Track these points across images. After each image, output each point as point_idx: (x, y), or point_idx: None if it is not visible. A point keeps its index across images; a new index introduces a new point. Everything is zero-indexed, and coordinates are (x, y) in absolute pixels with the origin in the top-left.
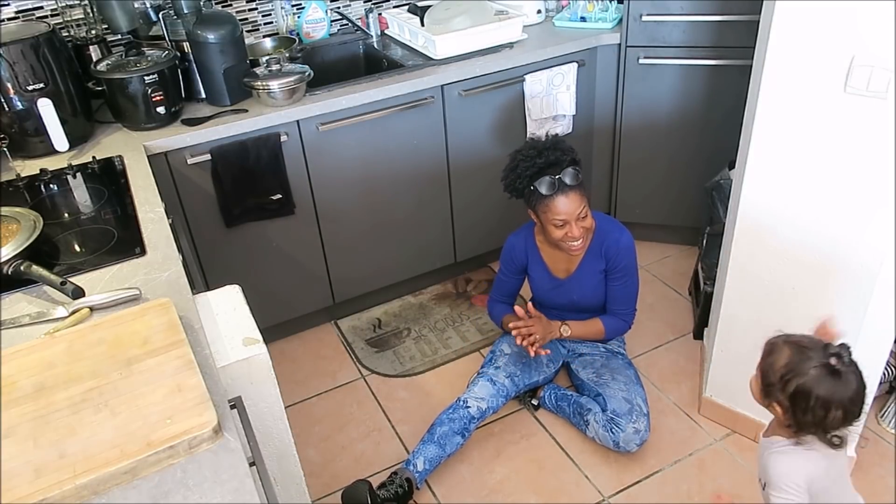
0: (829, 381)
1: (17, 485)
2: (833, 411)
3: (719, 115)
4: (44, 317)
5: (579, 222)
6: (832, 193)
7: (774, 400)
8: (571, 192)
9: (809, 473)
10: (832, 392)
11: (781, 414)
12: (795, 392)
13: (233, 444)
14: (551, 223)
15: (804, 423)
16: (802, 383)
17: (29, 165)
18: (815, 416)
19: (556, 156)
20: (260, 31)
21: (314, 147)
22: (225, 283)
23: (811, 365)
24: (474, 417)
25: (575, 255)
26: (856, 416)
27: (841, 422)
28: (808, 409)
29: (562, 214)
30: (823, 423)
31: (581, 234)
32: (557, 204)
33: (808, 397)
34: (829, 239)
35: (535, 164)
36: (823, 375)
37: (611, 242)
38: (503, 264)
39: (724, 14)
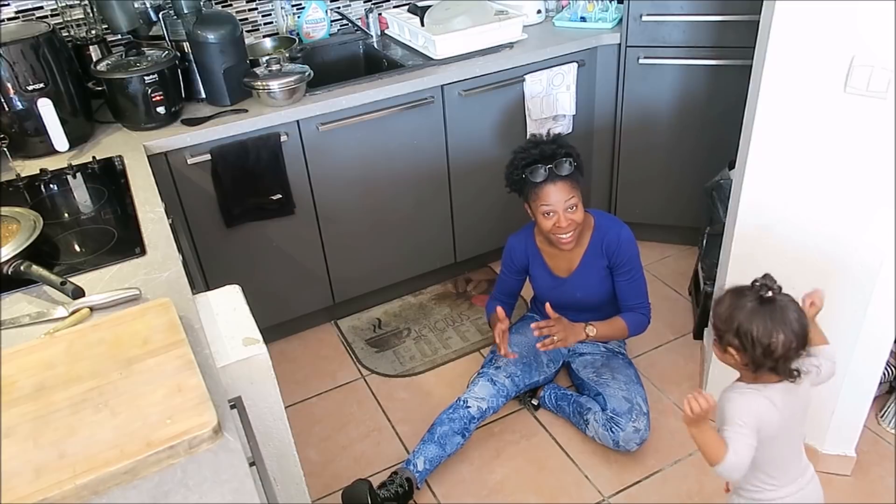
0: (765, 310)
1: (17, 485)
2: (776, 336)
3: (719, 115)
4: (44, 317)
5: (567, 213)
6: (832, 193)
7: (728, 345)
8: (561, 181)
9: (760, 410)
10: (769, 318)
11: (737, 356)
12: (739, 329)
13: (233, 444)
14: (540, 212)
15: (757, 358)
16: (741, 318)
17: (29, 165)
18: (762, 347)
19: (553, 149)
20: (260, 31)
21: (314, 147)
22: (225, 283)
23: (746, 301)
24: (474, 417)
25: (566, 250)
26: (801, 339)
27: (787, 348)
28: (755, 342)
29: (550, 203)
30: (771, 351)
31: (568, 226)
32: (547, 192)
33: (751, 329)
34: (829, 239)
35: (531, 155)
36: (757, 306)
37: (611, 238)
38: (504, 265)
39: (724, 14)
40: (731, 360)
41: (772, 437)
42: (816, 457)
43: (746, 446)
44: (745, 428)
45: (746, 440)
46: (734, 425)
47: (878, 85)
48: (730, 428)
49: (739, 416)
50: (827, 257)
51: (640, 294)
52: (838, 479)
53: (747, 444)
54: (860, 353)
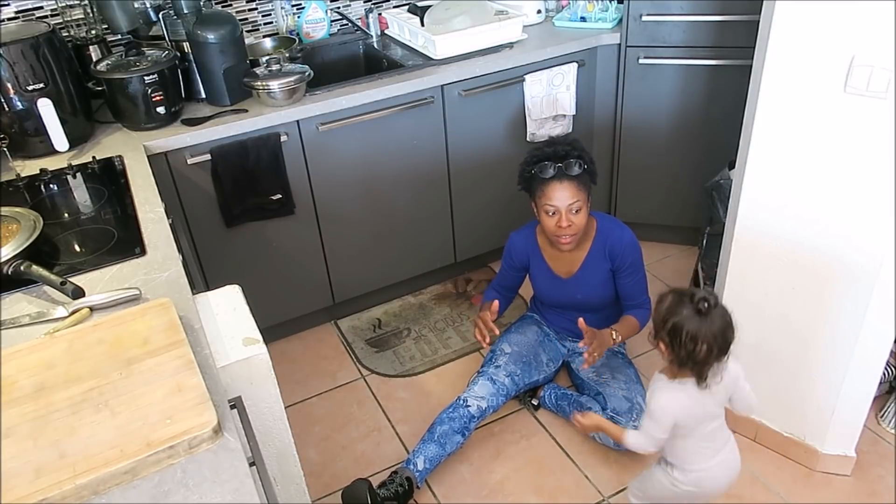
0: (697, 320)
1: (17, 485)
2: (700, 344)
3: (719, 115)
4: (44, 317)
5: (570, 215)
6: (832, 193)
7: (660, 339)
8: (568, 181)
9: (679, 408)
10: (699, 328)
11: (665, 351)
12: (671, 329)
13: (233, 444)
14: (543, 210)
15: (680, 357)
16: (676, 321)
17: (29, 165)
18: (686, 350)
19: (565, 150)
20: (260, 31)
21: (314, 147)
22: (225, 283)
23: (684, 308)
24: (474, 416)
25: (565, 251)
26: (721, 352)
27: (707, 355)
28: (681, 344)
29: (553, 201)
30: (693, 354)
31: (569, 227)
32: (552, 190)
33: (680, 333)
34: (828, 239)
35: (544, 153)
36: (692, 315)
37: (614, 241)
38: (504, 260)
39: (724, 14)
40: (660, 351)
41: (699, 420)
42: (816, 457)
43: (650, 437)
44: (658, 423)
45: (655, 431)
46: (650, 418)
47: (878, 85)
48: (646, 419)
49: (657, 412)
50: (827, 257)
51: (643, 292)
52: (838, 479)
53: (652, 435)
54: (860, 353)
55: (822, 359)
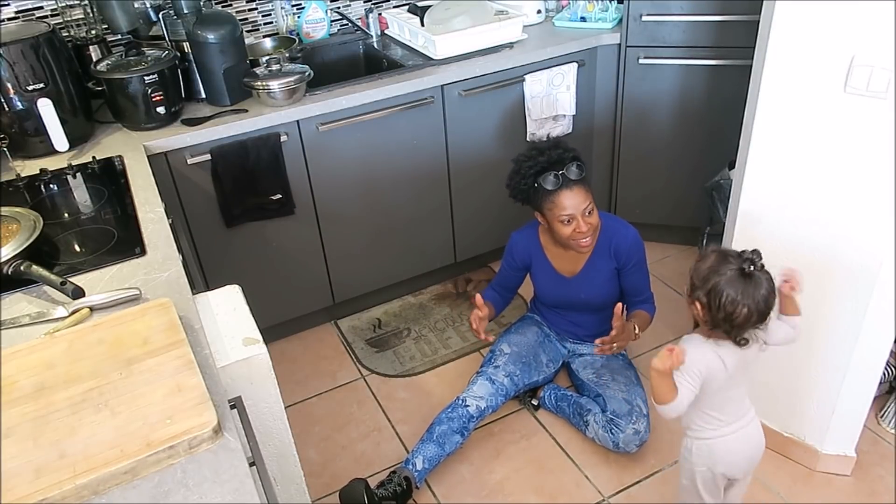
0: (740, 282)
1: (17, 485)
2: (740, 308)
3: (719, 115)
4: (44, 317)
5: (586, 218)
6: (832, 193)
7: (696, 299)
8: (576, 186)
9: (709, 364)
10: (741, 291)
11: (700, 311)
12: (712, 289)
13: (233, 444)
14: (558, 220)
15: (717, 319)
16: (718, 282)
17: (29, 165)
18: (725, 312)
19: (559, 153)
20: (260, 31)
21: (314, 147)
22: (225, 283)
23: (728, 268)
24: (473, 416)
25: (584, 253)
26: (762, 317)
27: (746, 319)
28: (720, 306)
29: (568, 209)
30: (731, 318)
31: (588, 231)
32: (563, 199)
33: (721, 294)
34: (828, 239)
35: (538, 163)
36: (736, 277)
37: (619, 241)
38: (505, 260)
39: (724, 14)
40: (694, 311)
41: (717, 387)
42: (816, 457)
43: (689, 393)
44: (693, 378)
45: (691, 388)
46: (686, 373)
47: (878, 85)
48: (681, 375)
49: (692, 365)
50: (827, 257)
51: (648, 286)
52: (838, 479)
53: (690, 391)
54: (860, 353)
55: (822, 359)
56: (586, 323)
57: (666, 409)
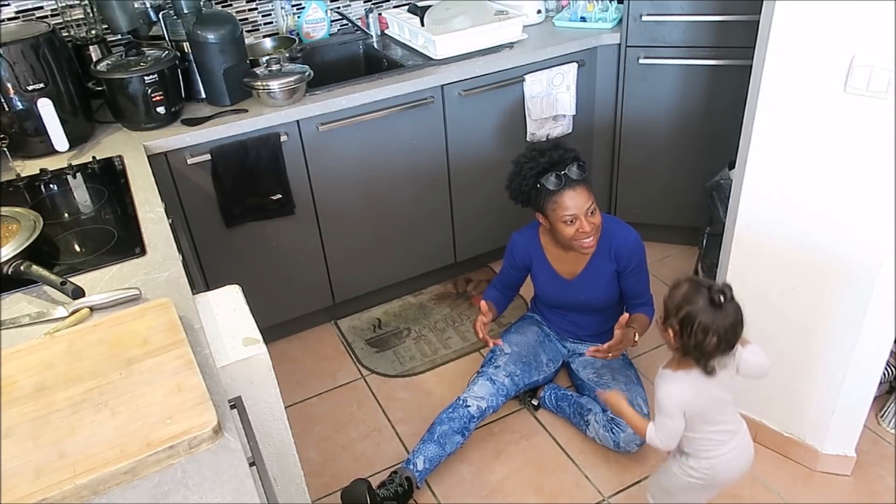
0: (711, 311)
1: (17, 485)
2: (710, 336)
3: (719, 115)
4: (44, 317)
5: (589, 218)
6: (832, 193)
7: (669, 326)
8: (578, 186)
9: (682, 400)
10: (711, 320)
11: (672, 338)
12: (684, 317)
13: (233, 444)
14: (561, 220)
15: (688, 347)
16: (690, 310)
17: (29, 165)
18: (696, 340)
19: (560, 154)
20: (260, 31)
21: (314, 147)
22: (225, 283)
23: (699, 298)
24: (474, 416)
25: (586, 254)
26: (728, 345)
27: (715, 347)
28: (691, 333)
29: (571, 209)
30: (702, 346)
31: (592, 230)
32: (565, 199)
33: (693, 322)
34: (828, 239)
35: (539, 164)
36: (707, 306)
37: (620, 243)
38: (506, 259)
39: (724, 14)
40: (666, 338)
41: (699, 411)
42: (816, 457)
43: (668, 429)
44: (672, 414)
45: (669, 423)
46: (660, 413)
47: (878, 85)
48: (657, 410)
49: (667, 401)
50: (827, 257)
51: (648, 289)
52: (838, 479)
53: (670, 426)
54: (860, 353)
55: (822, 359)
56: (586, 323)
57: (651, 444)
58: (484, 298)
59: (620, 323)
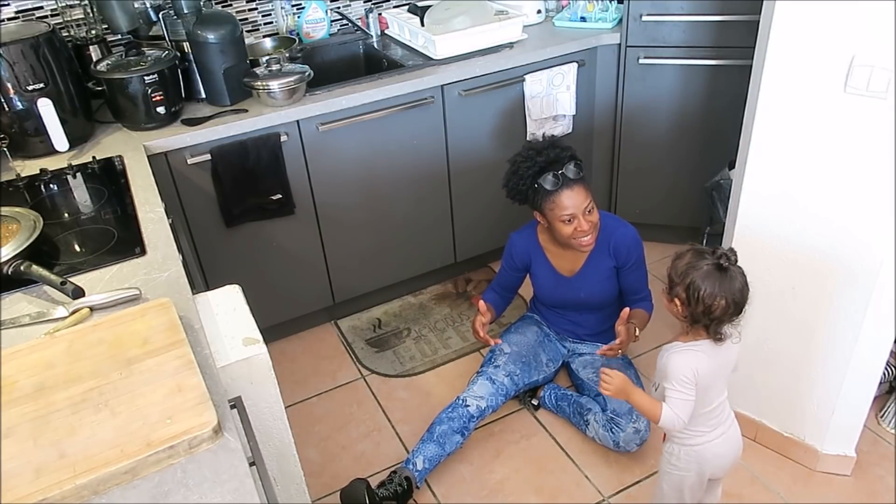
0: (717, 276)
1: (17, 485)
2: (718, 300)
3: (719, 115)
4: (44, 317)
5: (587, 216)
6: (832, 193)
7: (675, 296)
8: (576, 185)
9: (696, 368)
10: (718, 284)
11: (680, 308)
12: (689, 284)
13: (233, 444)
14: (559, 220)
15: (696, 314)
16: (695, 276)
17: (29, 165)
18: (704, 306)
19: (556, 153)
20: (260, 31)
21: (314, 147)
22: (225, 283)
23: (704, 263)
24: (474, 416)
25: (584, 252)
26: (738, 309)
27: (724, 311)
28: (699, 300)
29: (569, 209)
30: (710, 311)
31: (590, 229)
32: (563, 198)
33: (700, 288)
34: (828, 239)
35: (536, 163)
36: (712, 271)
37: (618, 239)
38: (504, 260)
39: (724, 14)
40: (673, 310)
41: (705, 387)
42: (816, 457)
43: (683, 401)
44: (684, 385)
45: (684, 395)
46: (674, 382)
47: (878, 85)
48: (669, 385)
49: (680, 373)
50: (827, 257)
51: (646, 284)
52: (838, 479)
53: (685, 398)
54: (860, 353)
55: (822, 359)
56: (586, 322)
57: (664, 423)
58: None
59: (622, 318)
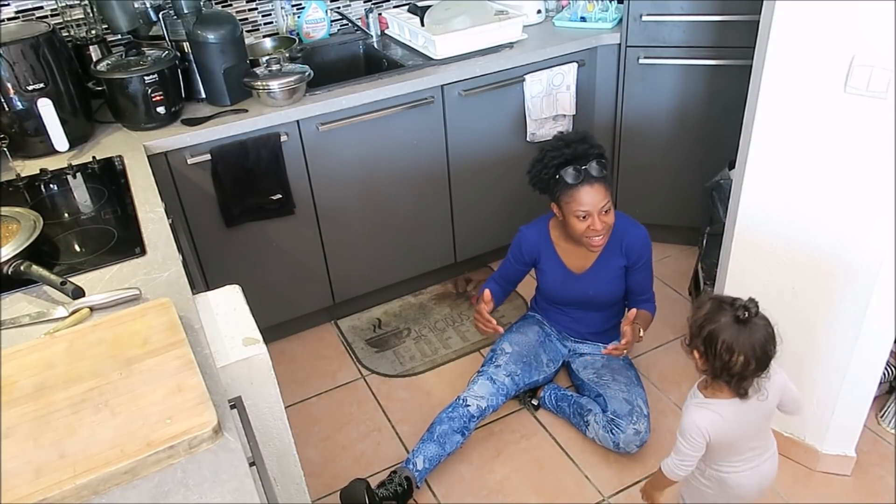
0: (735, 329)
1: (17, 485)
2: (736, 355)
3: (719, 115)
4: (44, 317)
5: (602, 216)
6: (832, 193)
7: (694, 347)
8: (596, 183)
9: (708, 430)
10: (736, 338)
11: (699, 360)
12: (707, 336)
13: (233, 444)
14: (574, 215)
15: (715, 368)
16: (713, 329)
17: (29, 165)
18: (721, 360)
19: (584, 148)
20: (260, 31)
21: (314, 147)
22: (225, 283)
23: (723, 315)
24: (474, 416)
25: (594, 251)
26: (758, 364)
27: (744, 367)
28: (716, 354)
29: (585, 205)
30: (728, 366)
31: (603, 229)
32: (582, 194)
33: (716, 341)
34: (828, 239)
35: (563, 154)
36: (731, 323)
37: (631, 239)
38: (511, 253)
39: (724, 14)
40: (693, 361)
41: (725, 443)
42: (816, 457)
43: (692, 457)
44: (690, 441)
45: (691, 452)
46: (683, 435)
47: (878, 85)
48: (683, 441)
49: (689, 430)
50: (827, 257)
51: (651, 286)
52: (838, 479)
53: (692, 455)
54: (860, 353)
55: (822, 359)
56: (589, 320)
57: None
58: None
59: (629, 319)
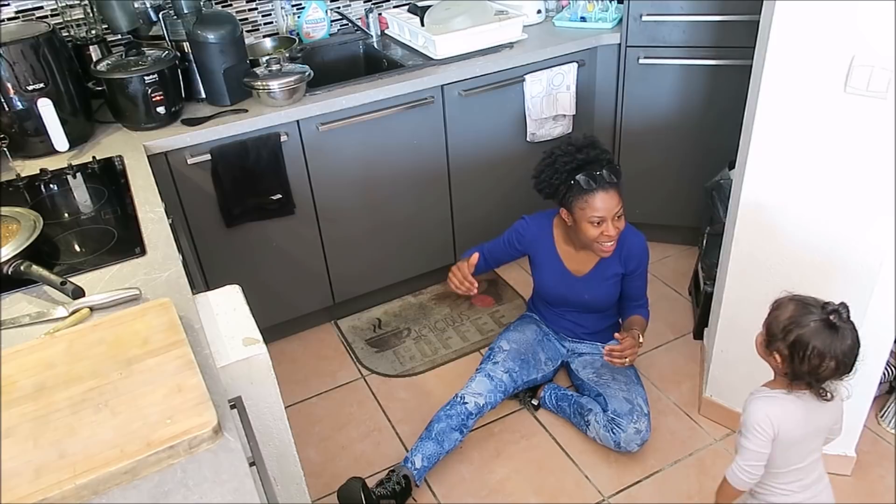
0: (826, 334)
1: (17, 485)
2: (827, 361)
3: (719, 115)
4: (44, 317)
5: (615, 222)
6: (832, 193)
7: (775, 350)
8: (611, 189)
9: (781, 420)
10: (828, 344)
11: (780, 363)
12: (795, 341)
13: (233, 444)
14: (588, 220)
15: (800, 372)
16: (802, 334)
17: (29, 165)
18: (810, 365)
19: (595, 153)
20: (260, 31)
21: (314, 147)
22: (225, 283)
23: (811, 318)
24: (472, 413)
25: (604, 255)
26: (847, 369)
27: (833, 372)
28: (804, 359)
29: (600, 211)
30: (817, 372)
31: (616, 234)
32: (596, 200)
33: (806, 347)
34: (829, 239)
35: (575, 160)
36: (822, 328)
37: (631, 247)
38: (507, 235)
39: (724, 14)
40: (772, 363)
41: (789, 443)
42: None
43: (754, 453)
44: (756, 435)
45: (756, 447)
46: (747, 429)
47: (878, 85)
48: (744, 434)
49: (755, 421)
50: (827, 257)
51: (645, 292)
52: (838, 479)
53: (752, 454)
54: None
55: None
56: (585, 322)
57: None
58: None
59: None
